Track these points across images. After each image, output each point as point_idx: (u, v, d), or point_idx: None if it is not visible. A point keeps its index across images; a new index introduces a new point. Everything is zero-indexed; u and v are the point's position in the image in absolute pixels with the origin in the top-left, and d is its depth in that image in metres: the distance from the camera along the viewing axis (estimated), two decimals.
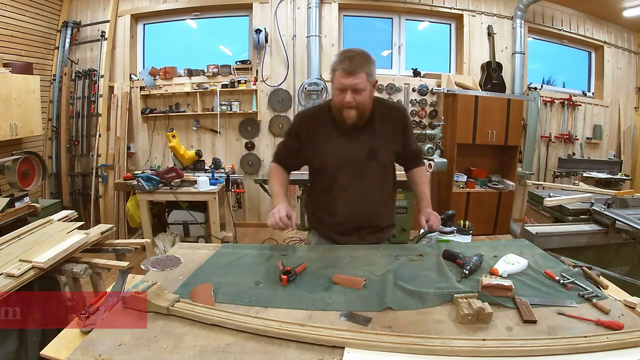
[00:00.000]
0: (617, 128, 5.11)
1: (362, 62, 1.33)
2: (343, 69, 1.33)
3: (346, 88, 1.34)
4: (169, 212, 3.48)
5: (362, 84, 1.34)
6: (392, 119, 1.52)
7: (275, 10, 4.22)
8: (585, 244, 2.19)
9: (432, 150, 3.64)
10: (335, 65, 1.35)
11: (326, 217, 1.57)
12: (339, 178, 1.51)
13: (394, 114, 1.53)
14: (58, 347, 0.91)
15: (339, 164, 1.49)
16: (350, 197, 1.52)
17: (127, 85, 4.29)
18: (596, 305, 1.07)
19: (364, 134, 1.47)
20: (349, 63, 1.32)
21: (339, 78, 1.34)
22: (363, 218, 1.56)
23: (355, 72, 1.32)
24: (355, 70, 1.32)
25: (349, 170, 1.49)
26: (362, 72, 1.33)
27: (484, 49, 4.52)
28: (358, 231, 1.56)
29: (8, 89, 3.26)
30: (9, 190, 3.15)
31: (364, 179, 1.51)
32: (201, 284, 1.15)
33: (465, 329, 0.97)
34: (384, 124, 1.50)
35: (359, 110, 1.39)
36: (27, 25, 3.82)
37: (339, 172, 1.50)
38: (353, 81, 1.33)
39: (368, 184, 1.52)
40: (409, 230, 3.63)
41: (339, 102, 1.38)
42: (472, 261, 1.29)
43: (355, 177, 1.50)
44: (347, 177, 1.50)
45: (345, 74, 1.32)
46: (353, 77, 1.32)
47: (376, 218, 1.59)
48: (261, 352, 0.88)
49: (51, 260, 1.36)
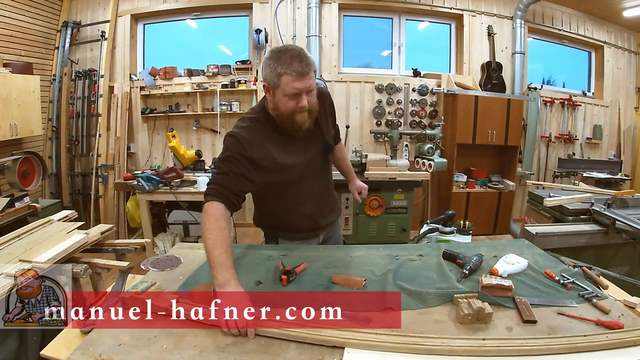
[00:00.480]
0: (617, 128, 5.11)
1: (309, 59, 1.18)
2: (296, 72, 1.15)
3: (301, 92, 1.18)
4: (169, 212, 3.48)
5: (314, 82, 1.21)
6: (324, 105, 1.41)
7: (275, 10, 4.22)
8: (585, 244, 2.19)
9: (432, 150, 3.63)
10: (283, 69, 1.15)
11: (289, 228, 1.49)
12: (303, 184, 1.41)
13: (321, 99, 1.37)
14: (58, 347, 0.91)
15: (301, 172, 1.36)
16: (315, 197, 1.48)
17: (127, 85, 4.29)
18: (596, 305, 1.07)
19: (313, 133, 1.36)
20: (300, 63, 1.15)
21: (292, 82, 1.16)
22: (326, 211, 1.57)
23: (308, 72, 1.17)
24: (308, 70, 1.17)
25: (312, 172, 1.41)
26: (311, 71, 1.18)
27: (484, 49, 4.52)
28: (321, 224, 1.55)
29: (8, 89, 3.26)
30: (9, 190, 3.15)
31: (325, 177, 1.51)
32: (201, 284, 1.15)
33: (465, 329, 0.97)
34: (321, 113, 1.38)
35: (310, 111, 1.25)
36: (27, 25, 3.82)
37: (301, 179, 1.39)
38: (307, 83, 1.18)
39: (326, 177, 1.52)
40: (409, 230, 3.62)
41: (291, 108, 1.21)
42: (472, 261, 1.29)
43: (317, 178, 1.45)
44: (310, 180, 1.43)
45: (300, 76, 1.16)
46: (307, 79, 1.17)
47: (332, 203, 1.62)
48: (261, 352, 0.88)
49: (51, 261, 1.36)
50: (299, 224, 1.48)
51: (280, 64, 1.16)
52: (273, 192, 1.40)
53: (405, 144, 4.37)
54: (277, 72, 1.17)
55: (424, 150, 3.65)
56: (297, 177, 1.37)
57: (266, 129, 1.30)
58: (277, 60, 1.17)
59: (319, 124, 1.39)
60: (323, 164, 1.46)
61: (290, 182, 1.37)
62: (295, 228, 1.50)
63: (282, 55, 1.17)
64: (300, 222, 1.48)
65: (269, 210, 1.51)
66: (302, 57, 1.16)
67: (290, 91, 1.18)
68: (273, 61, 1.18)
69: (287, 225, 1.50)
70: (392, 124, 3.94)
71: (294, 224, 1.49)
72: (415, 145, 3.94)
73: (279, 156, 1.30)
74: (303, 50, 1.20)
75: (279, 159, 1.30)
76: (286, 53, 1.17)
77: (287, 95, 1.19)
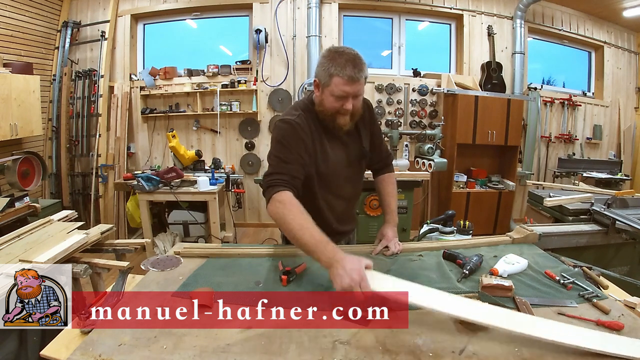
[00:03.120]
0: (617, 128, 5.11)
1: (363, 65, 1.20)
2: (348, 76, 1.17)
3: (349, 96, 1.21)
4: (169, 212, 3.48)
5: (362, 89, 1.23)
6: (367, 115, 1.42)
7: (275, 10, 4.22)
8: (585, 244, 2.19)
9: (432, 150, 3.63)
10: (336, 70, 1.17)
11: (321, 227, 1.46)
12: (338, 182, 1.39)
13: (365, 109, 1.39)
14: (58, 347, 0.91)
15: (341, 168, 1.38)
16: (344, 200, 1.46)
17: (127, 85, 4.29)
18: (596, 305, 1.07)
19: (352, 135, 1.38)
20: (353, 69, 1.17)
21: (341, 85, 1.18)
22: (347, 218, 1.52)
23: (359, 79, 1.19)
24: (360, 74, 1.19)
25: (345, 176, 1.41)
26: (363, 76, 1.20)
27: (484, 49, 4.52)
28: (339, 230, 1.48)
29: (8, 89, 3.26)
30: (9, 190, 3.15)
31: (356, 184, 1.48)
32: (202, 287, 1.14)
33: (466, 329, 0.97)
34: (365, 121, 1.41)
35: (353, 115, 1.28)
36: (27, 25, 3.82)
37: (339, 176, 1.39)
38: (356, 88, 1.20)
39: (357, 187, 1.50)
40: (409, 230, 3.63)
41: (336, 108, 1.24)
42: (472, 261, 1.29)
43: (349, 182, 1.43)
44: (345, 182, 1.42)
45: (350, 81, 1.18)
46: (357, 84, 1.19)
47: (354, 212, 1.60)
48: (261, 352, 0.88)
49: (51, 261, 1.36)
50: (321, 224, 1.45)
51: (334, 65, 1.18)
52: (309, 185, 1.34)
53: (405, 144, 4.37)
54: (329, 72, 1.19)
55: (424, 150, 3.65)
56: (336, 172, 1.37)
57: (311, 122, 1.31)
58: (332, 60, 1.19)
59: (359, 130, 1.40)
60: (357, 168, 1.46)
61: (329, 175, 1.36)
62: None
63: (337, 57, 1.19)
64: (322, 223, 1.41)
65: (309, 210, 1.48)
66: (356, 62, 1.18)
67: (339, 93, 1.20)
68: (328, 60, 1.20)
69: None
70: (392, 124, 3.94)
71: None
72: (415, 145, 3.94)
73: (326, 145, 1.33)
74: (359, 55, 1.21)
75: (326, 147, 1.33)
76: (342, 56, 1.19)
77: (335, 96, 1.21)
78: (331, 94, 1.22)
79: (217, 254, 1.40)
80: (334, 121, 1.27)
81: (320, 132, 1.32)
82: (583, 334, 0.91)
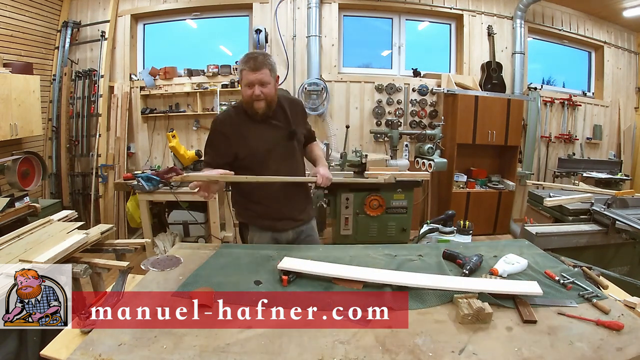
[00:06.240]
0: (617, 128, 5.10)
1: (264, 60, 1.53)
2: (249, 67, 1.51)
3: (253, 83, 1.51)
4: (169, 212, 3.47)
5: (266, 78, 1.53)
6: (296, 108, 1.75)
7: (275, 10, 4.22)
8: (585, 244, 2.19)
9: (432, 150, 3.63)
10: (242, 66, 1.53)
11: (261, 208, 1.67)
12: (268, 163, 1.62)
13: (295, 103, 1.78)
14: (58, 347, 0.91)
15: (267, 150, 1.61)
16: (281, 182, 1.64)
17: (127, 85, 4.29)
18: (596, 305, 1.07)
19: (278, 120, 1.66)
20: (253, 62, 1.51)
21: (247, 75, 1.52)
22: (295, 198, 1.71)
23: (260, 68, 1.51)
24: (260, 66, 1.51)
25: (276, 154, 1.63)
26: (265, 68, 1.52)
27: (484, 49, 4.52)
28: (291, 212, 1.70)
29: (8, 89, 3.25)
30: (9, 190, 3.15)
31: (290, 161, 1.69)
32: (202, 287, 1.14)
33: (465, 328, 0.97)
34: (292, 111, 1.70)
35: (267, 101, 1.56)
36: (27, 25, 3.82)
37: (267, 157, 1.62)
38: (259, 76, 1.51)
39: (293, 165, 1.70)
40: (409, 230, 3.62)
41: (249, 96, 1.54)
42: (472, 261, 1.29)
43: (282, 160, 1.65)
44: (275, 161, 1.63)
45: (252, 70, 1.51)
46: (258, 73, 1.51)
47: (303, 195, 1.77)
48: (261, 352, 0.88)
49: (51, 261, 1.36)
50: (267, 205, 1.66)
51: (242, 62, 1.54)
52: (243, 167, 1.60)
53: (405, 144, 4.37)
54: (240, 69, 1.55)
55: (424, 150, 3.65)
56: (262, 155, 1.61)
57: (238, 114, 1.64)
58: (241, 59, 1.56)
59: (286, 115, 1.69)
60: (289, 147, 1.70)
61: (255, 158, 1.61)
62: (263, 213, 1.67)
63: (245, 57, 1.55)
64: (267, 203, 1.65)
65: (242, 191, 1.71)
66: (256, 57, 1.53)
67: (246, 82, 1.53)
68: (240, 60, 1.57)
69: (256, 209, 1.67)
70: (392, 124, 3.94)
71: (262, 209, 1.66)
72: (415, 145, 3.94)
73: (245, 133, 1.62)
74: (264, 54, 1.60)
75: (245, 135, 1.61)
76: (248, 55, 1.56)
77: (245, 85, 1.54)
78: (243, 84, 1.56)
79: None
80: (252, 108, 1.57)
81: (245, 121, 1.62)
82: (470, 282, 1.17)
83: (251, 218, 1.71)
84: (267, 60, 1.55)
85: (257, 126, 1.62)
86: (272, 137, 1.64)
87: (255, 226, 1.69)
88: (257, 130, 1.62)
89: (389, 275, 1.20)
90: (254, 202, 1.67)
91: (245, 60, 1.53)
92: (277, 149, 1.64)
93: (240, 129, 1.62)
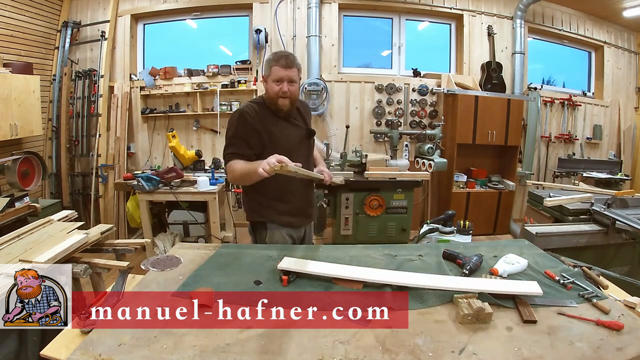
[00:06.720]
0: (617, 128, 5.10)
1: (295, 60, 1.61)
2: (281, 64, 1.57)
3: (283, 79, 1.57)
4: (169, 212, 3.47)
5: (295, 77, 1.60)
6: (306, 109, 1.85)
7: (275, 10, 4.21)
8: (585, 244, 2.19)
9: (432, 150, 3.63)
10: (273, 62, 1.59)
11: (283, 205, 1.69)
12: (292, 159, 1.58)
13: (304, 104, 1.87)
14: (58, 347, 0.91)
15: (291, 146, 1.65)
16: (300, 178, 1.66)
17: (127, 85, 4.29)
18: (596, 305, 1.07)
19: (297, 119, 1.74)
20: (285, 60, 1.58)
21: (278, 71, 1.57)
22: (309, 194, 1.79)
23: (291, 66, 1.59)
24: (291, 65, 1.59)
25: (299, 151, 1.67)
26: (295, 67, 1.60)
27: (484, 49, 4.52)
28: (306, 208, 1.77)
29: (8, 89, 3.25)
30: (9, 190, 3.15)
31: (309, 159, 1.77)
32: (202, 287, 1.14)
33: (465, 328, 0.97)
34: (304, 112, 1.80)
35: (291, 99, 1.62)
36: (27, 25, 3.82)
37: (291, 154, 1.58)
38: (290, 73, 1.58)
39: (310, 162, 1.78)
40: (409, 230, 3.62)
41: (276, 92, 1.59)
42: (472, 261, 1.29)
43: (303, 157, 1.68)
44: (299, 158, 1.60)
45: (283, 67, 1.57)
46: (290, 70, 1.58)
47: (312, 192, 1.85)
48: (261, 352, 0.88)
49: (51, 261, 1.36)
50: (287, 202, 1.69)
51: (274, 58, 1.60)
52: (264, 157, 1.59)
53: (405, 144, 4.37)
54: (270, 64, 1.60)
55: (424, 150, 3.65)
56: (288, 149, 1.60)
57: (262, 109, 1.65)
58: (273, 56, 1.62)
59: (303, 116, 1.78)
60: (307, 145, 1.79)
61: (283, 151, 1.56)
62: (285, 210, 1.69)
63: (275, 55, 1.62)
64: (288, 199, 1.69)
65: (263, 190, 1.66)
66: (288, 56, 1.60)
67: (276, 77, 1.58)
68: (269, 59, 1.63)
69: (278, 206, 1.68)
70: (392, 124, 3.94)
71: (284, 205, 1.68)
72: (415, 145, 3.94)
73: (271, 128, 1.64)
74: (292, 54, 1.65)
75: (271, 130, 1.64)
76: (280, 53, 1.63)
77: (274, 80, 1.58)
78: (272, 80, 1.59)
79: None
80: (276, 104, 1.62)
81: (270, 117, 1.65)
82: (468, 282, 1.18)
83: (272, 216, 1.70)
84: (297, 61, 1.62)
85: (282, 123, 1.67)
86: (296, 135, 1.71)
87: (275, 224, 1.70)
88: (281, 126, 1.66)
89: (389, 275, 1.20)
90: (276, 199, 1.68)
91: (277, 58, 1.59)
92: (299, 146, 1.71)
93: (266, 124, 1.64)
